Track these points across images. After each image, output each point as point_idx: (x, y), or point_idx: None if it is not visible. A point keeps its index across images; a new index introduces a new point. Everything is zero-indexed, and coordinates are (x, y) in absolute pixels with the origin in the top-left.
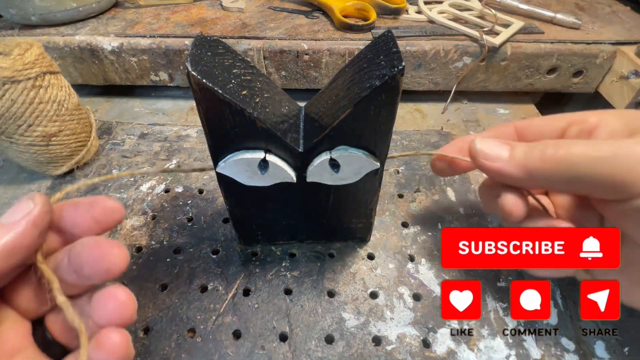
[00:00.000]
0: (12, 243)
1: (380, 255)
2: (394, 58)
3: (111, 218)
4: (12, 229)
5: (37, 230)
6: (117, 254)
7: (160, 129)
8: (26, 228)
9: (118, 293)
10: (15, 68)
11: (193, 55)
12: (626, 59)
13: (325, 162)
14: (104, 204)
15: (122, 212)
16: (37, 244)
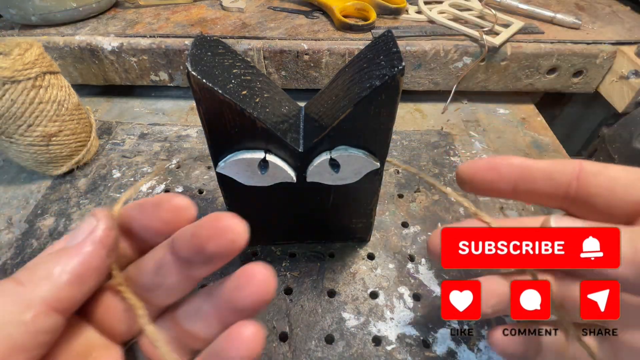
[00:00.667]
0: (80, 268)
1: (380, 255)
2: (394, 58)
3: (181, 217)
4: (77, 252)
5: (104, 249)
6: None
7: (160, 129)
8: (93, 249)
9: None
10: (15, 68)
11: (193, 55)
12: (626, 59)
13: (325, 162)
14: (170, 203)
15: (192, 210)
16: (107, 264)
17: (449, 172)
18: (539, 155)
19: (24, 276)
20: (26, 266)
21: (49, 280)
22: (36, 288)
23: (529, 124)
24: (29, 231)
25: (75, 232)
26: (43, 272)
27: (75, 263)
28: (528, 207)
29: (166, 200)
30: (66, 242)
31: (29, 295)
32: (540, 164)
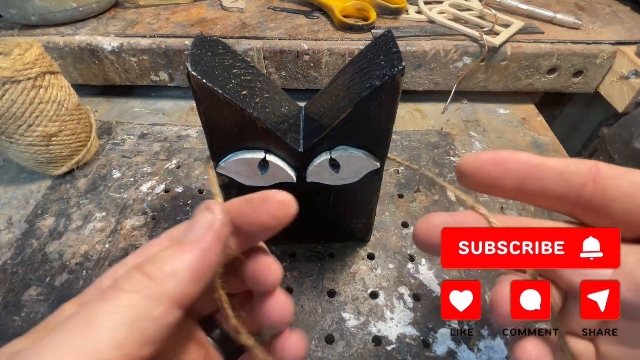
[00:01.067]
0: (200, 265)
1: (380, 255)
2: (394, 58)
3: (287, 212)
4: (197, 248)
5: (221, 245)
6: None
7: (160, 129)
8: (211, 245)
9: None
10: (15, 68)
11: (193, 55)
12: (626, 59)
13: (325, 162)
14: (278, 198)
15: (295, 205)
16: (219, 261)
17: (449, 172)
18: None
19: (152, 270)
20: (151, 258)
21: (174, 276)
22: (165, 283)
23: (529, 124)
24: (29, 231)
25: (193, 225)
26: (169, 267)
27: (196, 259)
28: (528, 207)
29: (272, 196)
30: (184, 234)
31: (159, 290)
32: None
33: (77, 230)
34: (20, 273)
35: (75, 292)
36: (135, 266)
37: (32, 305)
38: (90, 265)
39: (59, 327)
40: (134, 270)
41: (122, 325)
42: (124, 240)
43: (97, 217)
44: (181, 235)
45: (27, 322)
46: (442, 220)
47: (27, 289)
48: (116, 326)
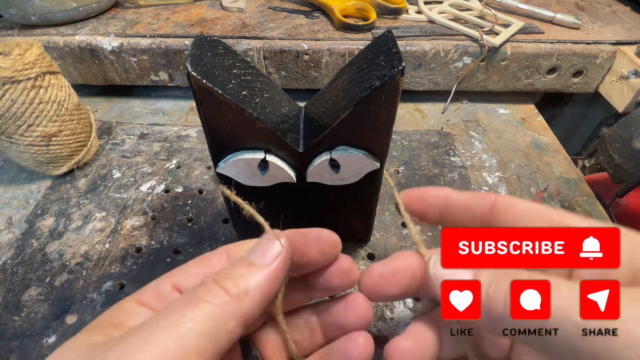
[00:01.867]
0: (268, 289)
1: (380, 255)
2: (394, 58)
3: (334, 252)
4: (268, 273)
5: (285, 273)
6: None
7: (160, 129)
8: (279, 273)
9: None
10: (15, 68)
11: (193, 56)
12: (626, 59)
13: (325, 162)
14: (329, 238)
15: (340, 245)
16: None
17: (449, 172)
18: (539, 155)
19: (230, 286)
20: (227, 274)
21: (248, 296)
22: (240, 301)
23: (529, 124)
24: (29, 231)
25: (261, 250)
26: (243, 286)
27: (266, 283)
28: None
29: (325, 234)
30: (250, 256)
31: (235, 307)
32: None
33: (77, 230)
34: (20, 273)
35: (76, 292)
36: (213, 279)
37: (32, 305)
38: (90, 265)
39: (145, 326)
40: (212, 282)
41: (204, 334)
42: (124, 240)
43: (97, 217)
44: (247, 257)
45: (27, 322)
46: (380, 272)
47: (27, 289)
48: (200, 334)
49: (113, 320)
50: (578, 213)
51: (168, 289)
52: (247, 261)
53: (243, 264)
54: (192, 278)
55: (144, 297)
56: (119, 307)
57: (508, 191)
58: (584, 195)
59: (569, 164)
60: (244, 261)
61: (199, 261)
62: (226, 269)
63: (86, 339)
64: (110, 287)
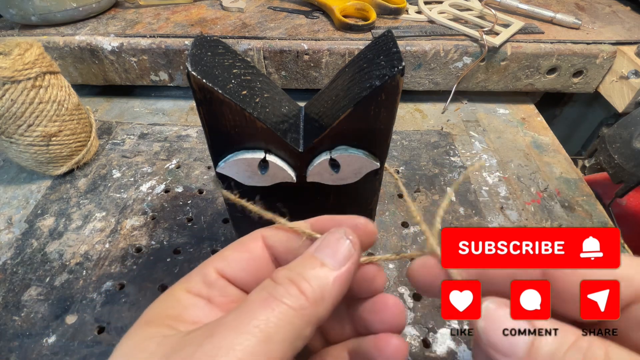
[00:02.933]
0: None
1: (380, 255)
2: (394, 58)
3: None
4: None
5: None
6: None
7: (160, 129)
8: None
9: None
10: (15, 68)
11: (193, 56)
12: (626, 59)
13: (325, 162)
14: (366, 227)
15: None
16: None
17: (448, 172)
18: (539, 155)
19: (307, 288)
20: (302, 273)
21: (324, 301)
22: (317, 306)
23: (529, 124)
24: (29, 231)
25: (334, 251)
26: (319, 290)
27: (339, 288)
28: (528, 207)
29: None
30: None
31: (312, 312)
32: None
33: (77, 230)
34: (20, 273)
35: (76, 292)
36: (288, 277)
37: (32, 305)
38: (90, 265)
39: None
40: (289, 282)
41: (286, 340)
42: (124, 240)
43: (97, 217)
44: (316, 254)
45: (27, 322)
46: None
47: (27, 289)
48: (283, 340)
49: (170, 312)
50: (578, 213)
51: (213, 275)
52: (318, 260)
53: (315, 263)
54: (235, 264)
55: (193, 285)
56: (170, 297)
57: (508, 191)
58: (584, 195)
59: (569, 164)
60: (316, 260)
61: (237, 246)
62: (298, 266)
63: (153, 332)
64: (110, 287)
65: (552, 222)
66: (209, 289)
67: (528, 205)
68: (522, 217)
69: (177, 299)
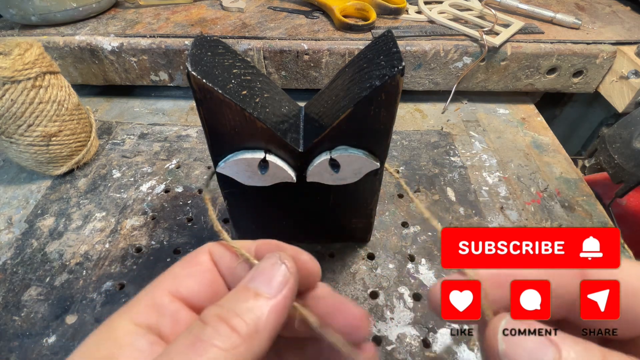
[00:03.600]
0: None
1: (380, 255)
2: (394, 58)
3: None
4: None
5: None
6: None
7: (160, 129)
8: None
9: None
10: (15, 68)
11: (193, 56)
12: (626, 59)
13: (325, 162)
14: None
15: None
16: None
17: (448, 172)
18: (539, 155)
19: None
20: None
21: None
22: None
23: (529, 124)
24: (29, 231)
25: (268, 278)
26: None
27: (275, 318)
28: (528, 207)
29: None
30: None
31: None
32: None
33: (77, 230)
34: (20, 273)
35: (76, 292)
36: (218, 315)
37: (32, 305)
38: (90, 265)
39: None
40: (218, 320)
41: None
42: (123, 240)
43: (97, 217)
44: (250, 284)
45: (27, 322)
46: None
47: (27, 289)
48: None
49: (102, 353)
50: (578, 213)
51: (165, 299)
52: (252, 291)
53: (248, 295)
54: (187, 281)
55: (139, 314)
56: (108, 332)
57: (508, 191)
58: (584, 195)
59: (569, 164)
60: (249, 291)
61: (186, 263)
62: (230, 301)
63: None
64: (110, 287)
65: (552, 222)
66: (159, 316)
67: (528, 205)
68: (522, 217)
69: (115, 335)
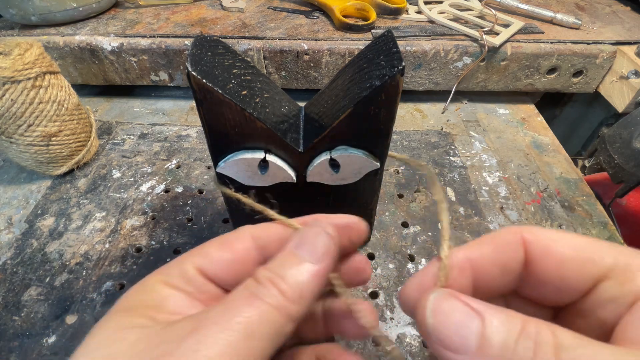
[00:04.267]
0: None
1: (380, 255)
2: (394, 58)
3: (362, 239)
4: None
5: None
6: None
7: (160, 129)
8: (327, 271)
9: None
10: (15, 68)
11: (193, 55)
12: (626, 59)
13: (325, 162)
14: (359, 227)
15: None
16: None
17: (449, 172)
18: (539, 155)
19: (286, 288)
20: (280, 272)
21: (302, 299)
22: (295, 305)
23: (529, 124)
24: (29, 231)
25: (312, 246)
26: (298, 289)
27: (317, 284)
28: (528, 207)
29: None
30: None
31: (292, 311)
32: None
33: (77, 230)
34: (20, 273)
35: (76, 292)
36: (268, 278)
37: (32, 305)
38: (90, 265)
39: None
40: (269, 283)
41: (267, 336)
42: (123, 240)
43: (97, 217)
44: (295, 250)
45: (27, 322)
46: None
47: (27, 289)
48: (265, 336)
49: (149, 302)
50: (578, 213)
51: (192, 271)
52: (297, 257)
53: (294, 260)
54: (217, 264)
55: (170, 278)
56: (147, 288)
57: (508, 191)
58: (584, 195)
59: (569, 164)
60: (294, 257)
61: (221, 244)
62: (277, 266)
63: (131, 321)
64: (110, 287)
65: (552, 222)
66: (187, 284)
67: (528, 205)
68: (522, 217)
69: (154, 289)
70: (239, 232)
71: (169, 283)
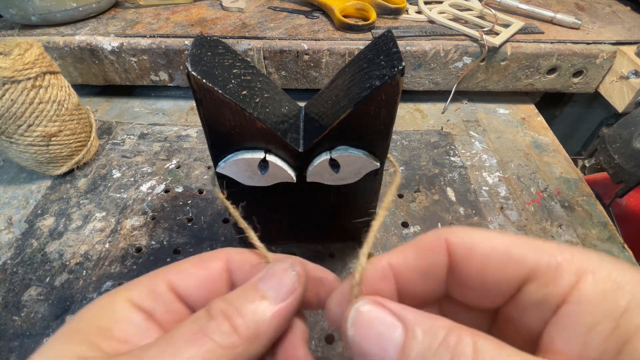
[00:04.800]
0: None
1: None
2: (394, 58)
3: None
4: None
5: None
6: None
7: (160, 129)
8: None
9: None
10: (15, 68)
11: (193, 55)
12: (626, 59)
13: (325, 162)
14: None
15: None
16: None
17: (449, 172)
18: (539, 155)
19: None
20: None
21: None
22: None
23: (529, 124)
24: (29, 231)
25: (278, 283)
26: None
27: (278, 323)
28: (528, 207)
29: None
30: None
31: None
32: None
33: (77, 230)
34: (20, 273)
35: (76, 292)
36: (222, 310)
37: (32, 305)
38: (90, 265)
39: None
40: (222, 316)
41: None
42: (123, 240)
43: (97, 217)
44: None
45: (27, 322)
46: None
47: (27, 289)
48: None
49: (100, 323)
50: (578, 213)
51: (163, 288)
52: (259, 292)
53: (255, 296)
54: (191, 280)
55: (136, 296)
56: (106, 306)
57: (508, 191)
58: (584, 195)
59: (569, 164)
60: (256, 292)
61: (198, 262)
62: (236, 298)
63: (70, 350)
64: (110, 287)
65: (552, 222)
66: (154, 302)
67: (528, 205)
68: (522, 217)
69: (112, 308)
70: (217, 252)
71: (132, 300)
